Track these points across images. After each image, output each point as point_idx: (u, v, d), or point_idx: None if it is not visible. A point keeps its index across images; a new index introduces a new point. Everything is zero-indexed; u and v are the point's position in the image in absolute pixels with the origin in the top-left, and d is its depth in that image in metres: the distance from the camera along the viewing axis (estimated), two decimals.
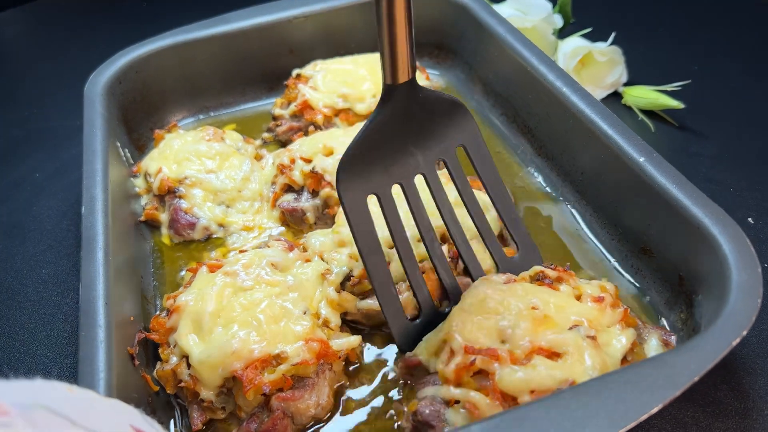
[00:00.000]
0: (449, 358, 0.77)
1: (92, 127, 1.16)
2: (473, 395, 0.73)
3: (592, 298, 0.82)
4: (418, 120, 0.89)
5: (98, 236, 0.95)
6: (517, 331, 0.76)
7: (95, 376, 0.77)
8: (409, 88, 0.85)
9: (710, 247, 0.86)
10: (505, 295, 0.81)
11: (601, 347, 0.77)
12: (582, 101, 1.11)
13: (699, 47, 1.63)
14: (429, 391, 0.78)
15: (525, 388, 0.72)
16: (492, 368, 0.74)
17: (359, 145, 0.85)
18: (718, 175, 1.25)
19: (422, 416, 0.76)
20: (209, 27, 1.41)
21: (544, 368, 0.73)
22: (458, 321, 0.80)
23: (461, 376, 0.75)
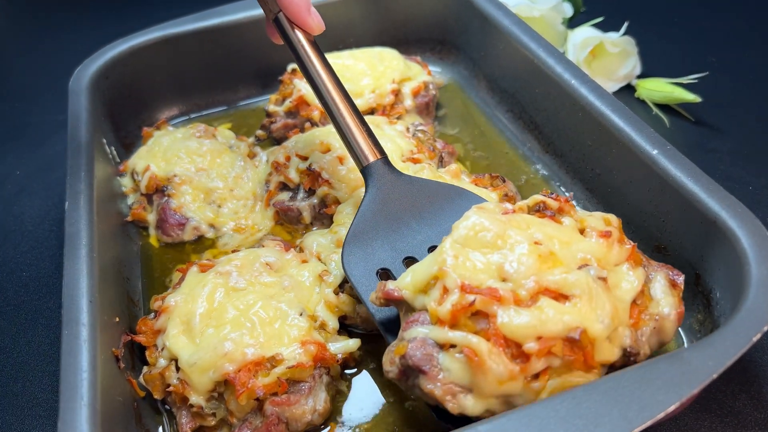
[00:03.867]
0: (442, 296, 0.71)
1: (77, 123, 1.17)
2: (473, 339, 0.67)
3: (599, 232, 0.77)
4: (413, 200, 0.94)
5: (82, 233, 0.95)
6: (521, 269, 0.70)
7: (78, 376, 0.77)
8: (385, 167, 0.96)
9: (728, 242, 0.86)
10: (504, 227, 0.74)
11: (610, 288, 0.73)
12: (592, 94, 1.12)
13: (717, 37, 1.64)
14: (419, 331, 0.72)
15: (531, 333, 0.67)
16: (492, 310, 0.68)
17: (358, 225, 0.92)
18: (736, 173, 1.25)
19: (413, 360, 0.70)
20: (201, 20, 1.42)
21: (553, 311, 0.68)
22: (452, 255, 0.73)
23: (458, 318, 0.69)
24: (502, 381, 0.67)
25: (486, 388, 0.68)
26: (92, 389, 0.77)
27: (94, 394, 0.77)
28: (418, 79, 1.38)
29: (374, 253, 0.90)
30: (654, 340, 0.75)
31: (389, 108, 1.33)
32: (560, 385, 0.69)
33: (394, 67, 1.37)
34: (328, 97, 1.00)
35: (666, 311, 0.75)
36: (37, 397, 0.99)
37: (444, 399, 0.69)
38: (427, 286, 0.74)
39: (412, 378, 0.72)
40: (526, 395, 0.69)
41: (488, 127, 1.40)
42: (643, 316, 0.74)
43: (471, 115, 1.44)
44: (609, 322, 0.69)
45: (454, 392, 0.69)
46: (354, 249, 0.90)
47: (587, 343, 0.68)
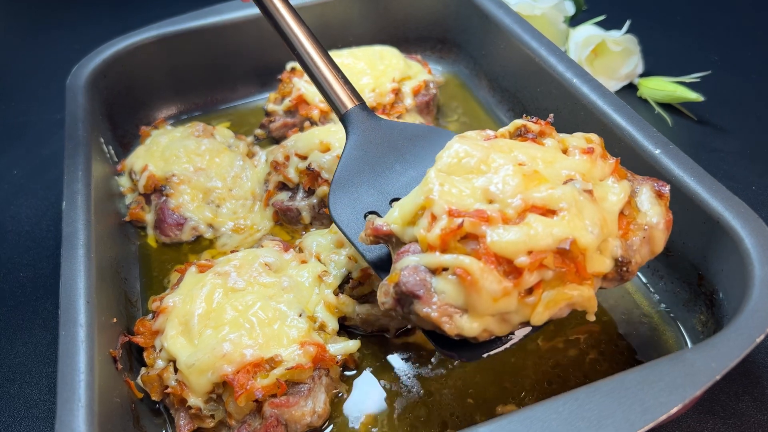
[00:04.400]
0: (431, 224, 0.72)
1: (75, 122, 1.17)
2: (465, 259, 0.68)
3: (581, 149, 0.77)
4: (394, 143, 0.95)
5: (79, 233, 0.95)
6: (507, 189, 0.71)
7: (75, 378, 0.77)
8: (364, 113, 0.97)
9: (731, 242, 0.86)
10: (487, 151, 0.75)
11: (597, 201, 0.73)
12: (594, 93, 1.12)
13: (720, 35, 1.64)
14: (411, 260, 0.72)
15: (522, 248, 0.67)
16: (481, 231, 0.69)
17: (342, 172, 0.93)
18: (739, 172, 1.25)
19: (406, 286, 0.70)
20: (199, 18, 1.42)
21: (542, 226, 0.68)
22: (437, 183, 0.74)
23: (448, 242, 0.70)
24: (496, 298, 0.67)
25: (481, 307, 0.68)
26: (90, 391, 0.77)
27: (91, 396, 0.77)
28: (418, 77, 1.38)
29: (360, 197, 0.91)
30: (645, 250, 0.75)
31: (389, 107, 1.33)
32: (555, 298, 0.69)
33: (395, 65, 1.37)
34: (299, 47, 1.00)
35: (654, 220, 0.75)
36: (34, 399, 0.99)
37: (440, 321, 0.69)
38: (415, 218, 0.75)
39: (407, 305, 0.72)
40: (521, 311, 0.70)
41: (489, 126, 1.40)
42: (631, 226, 0.75)
43: (472, 114, 1.44)
44: (598, 232, 0.70)
45: (450, 313, 0.69)
46: (340, 195, 0.91)
47: (578, 254, 0.69)
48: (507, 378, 0.93)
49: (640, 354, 0.95)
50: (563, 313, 0.71)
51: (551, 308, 0.70)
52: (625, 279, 0.75)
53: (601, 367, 0.93)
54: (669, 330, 0.97)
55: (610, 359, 0.94)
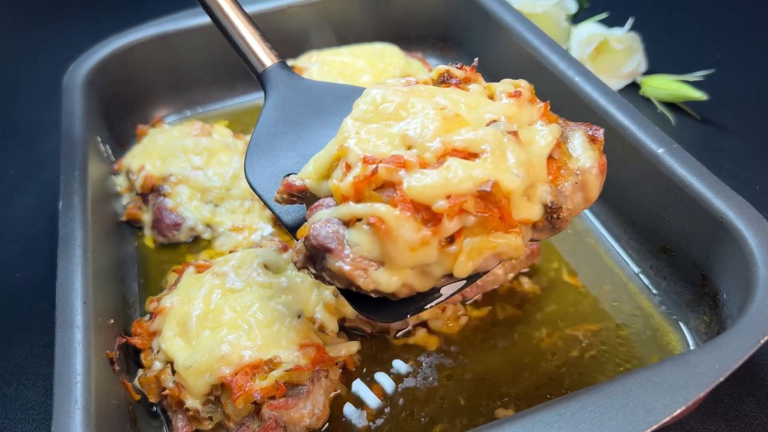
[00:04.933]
0: (345, 174, 0.68)
1: (71, 120, 1.17)
2: (379, 207, 0.63)
3: (508, 93, 0.73)
4: (317, 103, 0.90)
5: (76, 233, 0.96)
6: (426, 133, 0.67)
7: (72, 380, 0.77)
8: (284, 71, 0.92)
9: (735, 242, 0.86)
10: (406, 96, 0.71)
11: (523, 144, 0.69)
12: (596, 92, 1.12)
13: (723, 34, 1.64)
14: (323, 212, 0.68)
15: (440, 192, 0.63)
16: (398, 177, 0.64)
17: (260, 134, 0.88)
18: (743, 172, 1.25)
19: (317, 239, 0.65)
20: (197, 16, 1.43)
21: (461, 168, 0.64)
22: (352, 131, 0.70)
23: (361, 191, 0.66)
24: (414, 247, 0.63)
25: (398, 258, 0.64)
26: (86, 392, 0.77)
27: (88, 398, 0.77)
28: (418, 76, 1.38)
29: (279, 160, 0.85)
30: (578, 197, 0.71)
31: None
32: (478, 246, 0.65)
33: (395, 64, 1.37)
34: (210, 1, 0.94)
35: (588, 164, 0.71)
36: (30, 401, 0.99)
37: (354, 275, 0.64)
38: (330, 170, 0.71)
39: (320, 261, 0.67)
40: (443, 262, 0.66)
41: None
42: (562, 171, 0.71)
43: None
44: (524, 175, 0.66)
45: (365, 267, 0.65)
46: (257, 158, 0.85)
47: (502, 198, 0.65)
48: (507, 380, 0.93)
49: (642, 355, 0.95)
50: (490, 264, 0.67)
51: (475, 258, 0.65)
52: (556, 227, 0.71)
53: (603, 368, 0.93)
54: (672, 331, 0.97)
55: (612, 360, 0.94)
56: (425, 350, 0.98)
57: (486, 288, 1.03)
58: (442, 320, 1.01)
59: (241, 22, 0.92)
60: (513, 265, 1.04)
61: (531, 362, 0.95)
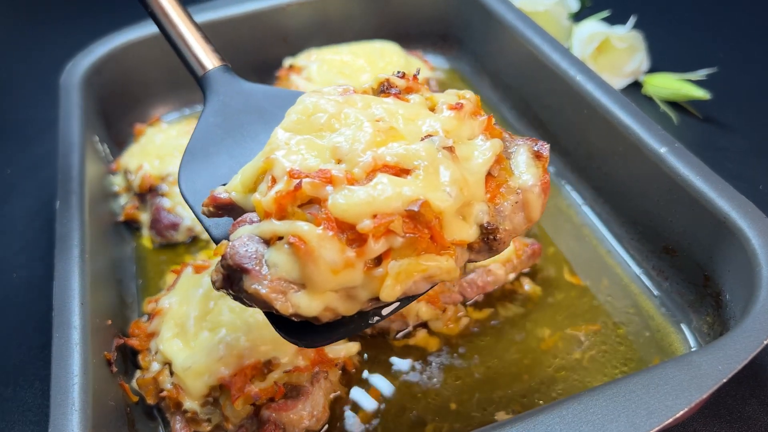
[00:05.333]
0: (269, 188, 0.64)
1: (69, 120, 1.17)
2: (301, 225, 0.60)
3: (449, 105, 0.69)
4: (259, 109, 0.86)
5: (73, 233, 0.96)
6: (357, 146, 0.64)
7: (69, 381, 0.77)
8: (226, 75, 0.87)
9: (738, 242, 0.86)
10: (340, 106, 0.68)
11: (460, 160, 0.66)
12: (598, 91, 1.12)
13: (726, 32, 1.64)
14: (244, 229, 0.64)
15: (365, 211, 0.60)
16: (324, 193, 0.61)
17: (196, 141, 0.83)
18: (746, 172, 1.25)
19: (233, 258, 0.62)
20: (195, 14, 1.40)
21: (390, 186, 0.61)
22: (282, 142, 0.67)
23: (285, 207, 0.62)
24: (336, 269, 0.60)
25: (319, 280, 0.60)
26: (84, 394, 0.77)
27: (85, 399, 0.77)
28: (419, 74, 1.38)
29: (217, 170, 0.80)
30: (519, 217, 0.68)
31: None
32: (406, 269, 0.62)
33: (395, 62, 1.37)
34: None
35: (529, 183, 0.68)
36: (27, 402, 0.99)
37: (271, 298, 0.61)
38: (257, 183, 0.67)
39: (237, 282, 0.63)
40: (369, 285, 0.62)
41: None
42: (502, 190, 0.68)
43: None
44: (457, 193, 0.63)
45: (284, 289, 0.61)
46: (192, 167, 0.80)
47: (432, 218, 0.61)
48: (508, 381, 0.93)
49: (644, 356, 0.95)
50: (420, 287, 0.64)
51: (403, 281, 0.62)
52: (494, 249, 0.67)
53: (604, 369, 0.93)
54: (674, 332, 0.97)
55: (613, 361, 0.94)
56: (426, 351, 0.98)
57: (487, 289, 1.03)
58: (442, 321, 1.00)
59: (182, 22, 0.88)
60: (514, 265, 1.04)
61: (532, 363, 0.95)
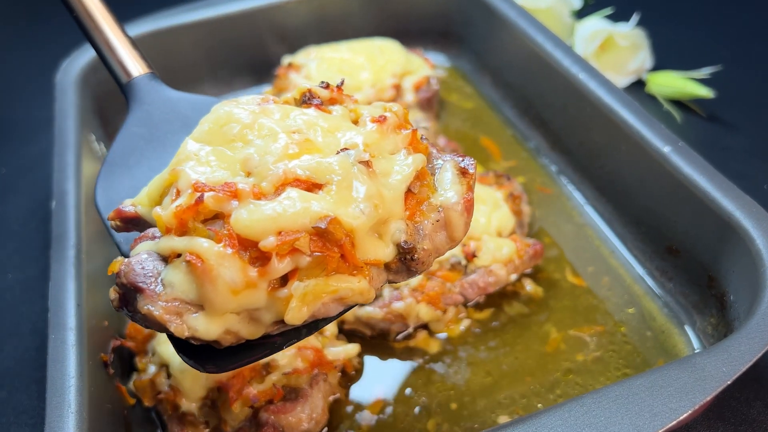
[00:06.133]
0: (173, 201, 0.61)
1: (64, 118, 1.17)
2: (199, 242, 0.57)
3: (372, 118, 0.67)
4: (186, 119, 0.83)
5: (69, 233, 0.95)
6: (268, 159, 0.61)
7: (65, 383, 0.77)
8: (152, 83, 0.85)
9: (742, 243, 0.86)
10: (255, 117, 0.66)
11: (377, 176, 0.63)
12: (601, 89, 1.12)
13: (730, 30, 1.64)
14: (143, 245, 0.61)
15: (270, 227, 0.57)
16: (229, 208, 0.58)
17: (116, 153, 0.80)
18: (750, 171, 1.25)
19: (127, 277, 0.58)
20: (193, 12, 1.43)
21: (298, 201, 0.58)
22: (190, 152, 0.64)
23: (185, 222, 0.58)
24: (236, 290, 0.57)
25: (218, 301, 0.57)
26: (80, 396, 0.77)
27: (81, 402, 0.77)
28: (419, 72, 1.38)
29: (136, 182, 0.76)
30: (440, 236, 0.65)
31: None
32: (313, 290, 0.59)
33: (395, 60, 1.37)
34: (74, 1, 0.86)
35: (452, 200, 0.65)
36: (23, 405, 0.99)
37: (165, 320, 0.57)
38: (162, 196, 0.64)
39: (131, 302, 0.59)
40: (273, 307, 0.59)
41: (493, 123, 1.40)
42: (422, 207, 0.65)
43: (475, 111, 1.44)
44: (370, 211, 0.60)
45: (180, 311, 0.58)
46: (110, 179, 0.77)
47: (342, 236, 0.59)
48: (510, 383, 0.94)
49: (648, 358, 0.95)
50: (331, 310, 0.61)
51: (310, 303, 0.59)
52: (413, 270, 0.64)
53: (608, 371, 0.93)
54: (678, 333, 0.97)
55: (617, 363, 0.94)
56: (426, 353, 0.98)
57: (488, 289, 1.03)
58: (443, 322, 1.01)
59: (108, 27, 0.85)
60: (516, 265, 1.04)
61: (534, 365, 0.95)
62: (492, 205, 1.06)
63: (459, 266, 1.01)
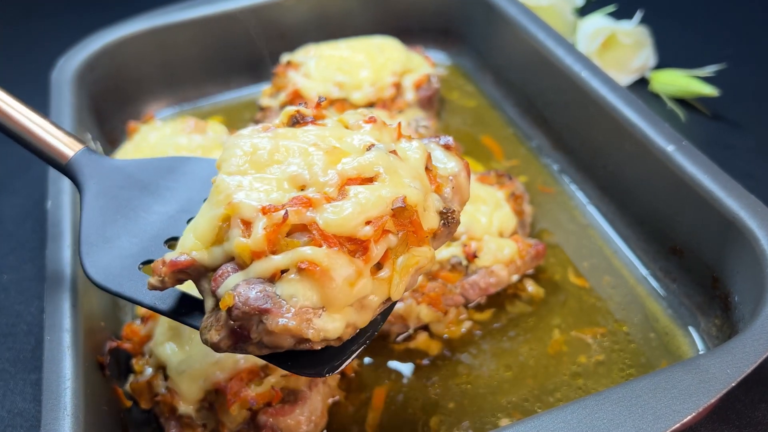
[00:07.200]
0: (244, 231, 0.65)
1: (60, 117, 1.17)
2: (305, 250, 0.63)
3: (365, 120, 0.75)
4: (140, 182, 0.85)
5: (65, 233, 0.96)
6: (315, 169, 0.68)
7: (61, 385, 0.77)
8: (93, 156, 0.86)
9: (747, 243, 0.86)
10: (275, 140, 0.71)
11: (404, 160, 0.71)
12: (604, 88, 1.13)
13: (735, 27, 1.64)
14: (236, 278, 0.65)
15: (359, 220, 0.64)
16: (309, 217, 0.64)
17: (88, 231, 0.80)
18: (756, 170, 1.25)
19: (248, 303, 0.62)
20: (191, 9, 1.43)
21: (369, 192, 0.65)
22: (232, 186, 0.68)
23: (276, 241, 0.64)
24: (352, 282, 0.63)
25: (340, 297, 0.63)
26: (76, 399, 0.77)
27: (77, 404, 0.77)
28: (420, 71, 1.38)
29: (125, 253, 0.78)
30: (456, 200, 0.75)
31: (390, 102, 1.33)
32: (406, 263, 0.67)
33: (395, 58, 1.37)
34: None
35: (456, 169, 0.75)
36: (18, 407, 0.99)
37: (302, 329, 0.62)
38: (219, 235, 0.68)
39: (254, 328, 0.63)
40: (379, 290, 0.66)
41: (494, 122, 1.40)
42: (438, 180, 0.74)
43: (476, 109, 1.44)
44: (420, 186, 0.68)
45: (308, 317, 0.62)
46: (97, 259, 0.78)
47: (412, 212, 0.67)
48: (512, 385, 0.94)
49: (651, 360, 0.95)
50: (415, 281, 0.70)
51: (405, 276, 0.67)
52: (451, 231, 0.73)
53: (611, 372, 0.94)
54: (682, 335, 0.97)
55: (620, 364, 0.94)
56: (426, 355, 0.98)
57: (489, 290, 1.03)
58: (444, 324, 1.01)
59: (24, 115, 0.85)
60: (517, 266, 1.04)
61: (535, 367, 0.95)
62: (493, 205, 1.06)
63: (460, 267, 1.01)
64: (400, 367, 0.97)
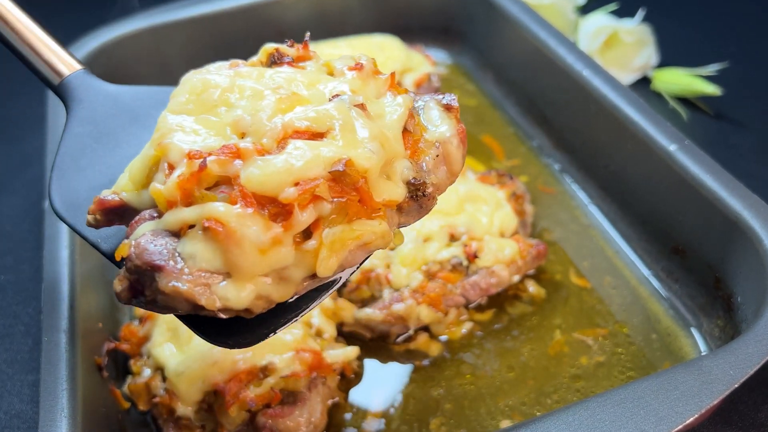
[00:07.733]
0: (167, 175, 0.59)
1: (57, 116, 1.17)
2: (215, 206, 0.55)
3: (350, 67, 0.67)
4: (132, 110, 0.81)
5: (63, 233, 0.95)
6: (260, 116, 0.60)
7: (59, 387, 0.77)
8: (88, 79, 0.82)
9: (750, 243, 0.86)
10: (233, 80, 0.65)
11: (374, 118, 0.64)
12: (606, 86, 1.13)
13: (738, 26, 1.64)
14: (145, 226, 0.59)
15: (286, 179, 0.56)
16: (234, 169, 0.57)
17: (65, 156, 0.76)
18: (758, 170, 1.25)
19: (141, 257, 0.55)
20: (189, 7, 1.43)
21: (307, 149, 0.58)
22: (172, 125, 0.62)
23: (190, 192, 0.57)
24: (264, 248, 0.56)
25: (246, 265, 0.56)
26: (73, 400, 0.77)
27: (75, 406, 0.77)
28: (420, 70, 1.38)
29: (94, 182, 0.74)
30: (441, 171, 0.67)
31: None
32: (340, 237, 0.59)
33: (395, 57, 1.37)
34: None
35: (447, 135, 0.67)
36: (15, 408, 0.99)
37: (194, 294, 0.55)
38: (150, 176, 0.62)
39: (149, 285, 0.57)
40: (303, 262, 0.58)
41: (495, 121, 1.40)
42: (420, 145, 0.66)
43: (477, 109, 1.44)
44: (378, 149, 0.61)
45: (207, 282, 0.56)
46: (64, 184, 0.74)
47: (358, 179, 0.59)
48: (512, 386, 0.94)
49: (653, 361, 0.95)
50: (357, 258, 0.61)
51: (339, 251, 0.59)
52: (424, 207, 0.66)
53: (612, 374, 0.93)
54: (684, 336, 0.97)
55: (621, 366, 0.94)
56: (427, 356, 0.98)
57: (490, 291, 1.03)
58: (444, 325, 1.00)
59: (26, 27, 0.81)
60: (518, 266, 1.04)
61: (536, 368, 0.95)
62: (494, 205, 1.06)
63: (460, 267, 1.01)
64: (399, 368, 0.97)
